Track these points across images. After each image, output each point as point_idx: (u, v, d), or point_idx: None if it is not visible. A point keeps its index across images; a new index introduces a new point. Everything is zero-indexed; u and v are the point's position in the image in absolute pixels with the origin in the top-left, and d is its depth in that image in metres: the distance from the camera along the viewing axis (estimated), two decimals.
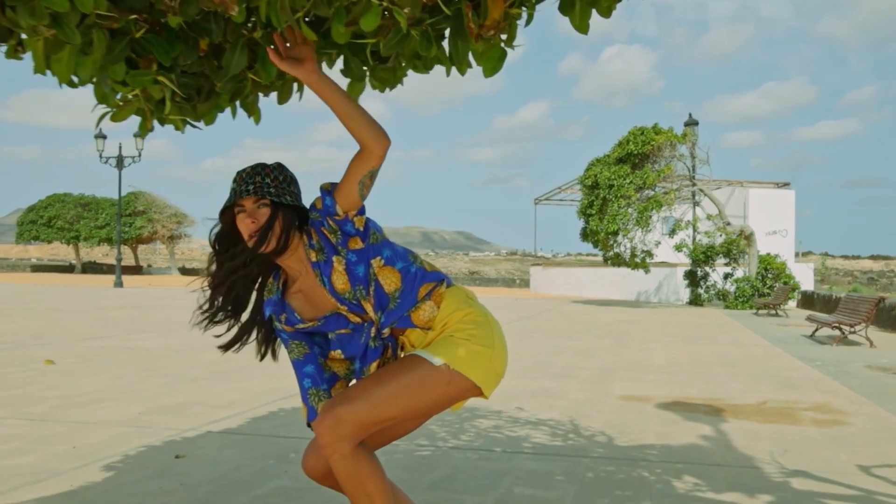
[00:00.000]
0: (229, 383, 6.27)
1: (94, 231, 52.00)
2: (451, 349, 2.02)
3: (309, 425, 2.08)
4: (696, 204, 23.80)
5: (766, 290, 21.26)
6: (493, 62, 2.11)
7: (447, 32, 2.08)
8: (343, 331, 2.10)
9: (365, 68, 2.14)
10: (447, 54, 2.13)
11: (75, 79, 2.03)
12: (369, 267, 2.04)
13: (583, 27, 2.08)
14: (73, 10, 1.65)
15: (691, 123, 23.59)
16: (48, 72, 1.96)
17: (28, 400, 5.50)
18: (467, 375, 2.00)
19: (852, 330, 11.43)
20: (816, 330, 12.53)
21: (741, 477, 3.79)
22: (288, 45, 1.95)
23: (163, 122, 2.38)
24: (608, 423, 5.07)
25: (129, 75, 2.01)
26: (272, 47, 1.94)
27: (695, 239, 23.17)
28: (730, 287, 22.12)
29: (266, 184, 2.03)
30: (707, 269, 22.83)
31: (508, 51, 2.10)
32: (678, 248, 22.18)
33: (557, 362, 8.43)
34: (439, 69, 2.27)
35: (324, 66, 2.19)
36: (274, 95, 2.40)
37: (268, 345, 2.23)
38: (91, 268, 54.28)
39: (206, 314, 2.13)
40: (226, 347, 2.20)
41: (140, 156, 30.96)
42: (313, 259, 2.04)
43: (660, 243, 22.35)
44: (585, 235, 22.69)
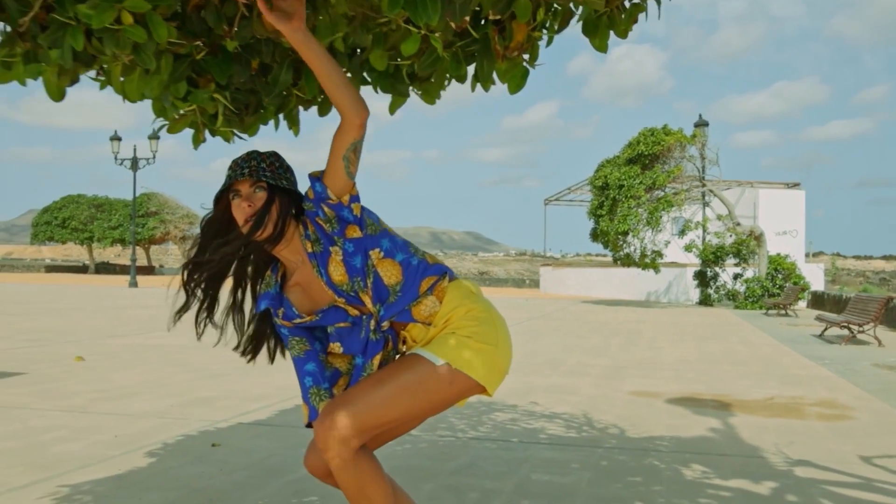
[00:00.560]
0: (254, 379, 6.50)
1: (108, 232, 52.51)
2: (453, 348, 1.96)
3: (309, 425, 2.03)
4: (705, 204, 23.94)
5: (775, 290, 21.37)
6: (516, 80, 2.33)
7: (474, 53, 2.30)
8: (342, 324, 2.04)
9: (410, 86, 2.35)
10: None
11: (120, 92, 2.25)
12: (367, 258, 1.99)
13: (602, 47, 2.30)
14: (150, 40, 1.87)
15: (701, 124, 23.72)
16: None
17: (65, 393, 5.75)
18: (470, 374, 1.95)
19: (861, 329, 11.58)
20: (825, 329, 12.67)
21: (747, 466, 3.99)
22: None
23: (213, 134, 2.61)
24: (620, 416, 5.28)
25: (190, 93, 2.23)
26: None
27: (704, 239, 23.31)
28: (740, 287, 22.24)
29: (262, 168, 2.00)
30: (717, 269, 22.96)
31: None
32: (688, 248, 22.32)
33: (569, 360, 8.63)
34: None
35: (370, 90, 2.40)
36: (314, 109, 2.63)
37: (265, 344, 2.17)
38: (104, 268, 54.79)
39: (188, 307, 2.04)
40: (248, 354, 2.17)
41: (154, 157, 31.33)
42: (309, 250, 1.98)
43: (669, 243, 22.49)
44: (595, 236, 22.86)
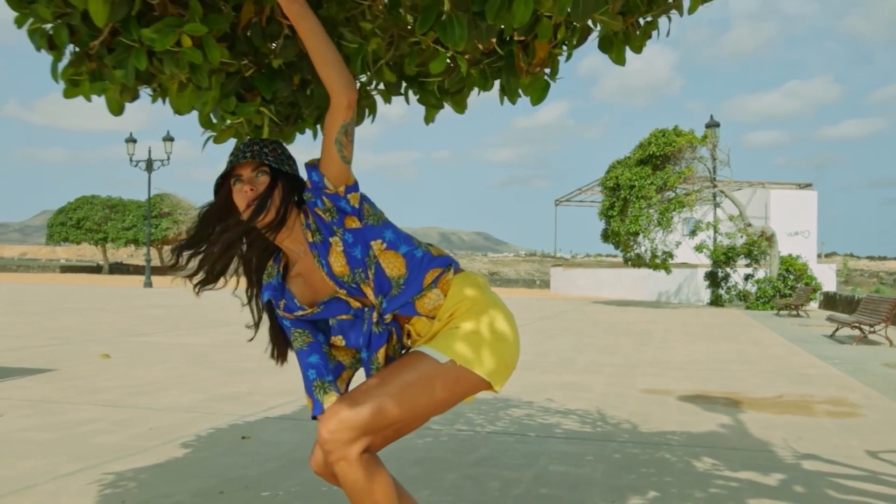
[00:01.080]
0: (277, 375, 6.69)
1: (122, 232, 53.02)
2: (457, 344, 1.91)
3: (315, 418, 2.01)
4: (717, 205, 24.03)
5: (787, 291, 21.45)
6: (538, 92, 2.51)
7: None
8: (344, 317, 2.00)
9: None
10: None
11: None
12: (368, 249, 1.94)
13: (620, 61, 2.47)
14: (205, 61, 2.06)
15: (712, 125, 23.82)
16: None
17: (97, 388, 5.96)
18: (475, 371, 1.91)
19: (872, 330, 11.68)
20: (837, 330, 12.76)
21: (756, 459, 4.15)
22: None
23: None
24: (632, 412, 5.44)
25: (238, 107, 2.42)
26: None
27: (716, 240, 23.40)
28: (751, 288, 22.33)
29: (264, 153, 1.99)
30: (728, 270, 23.05)
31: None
32: (699, 248, 22.42)
33: (581, 359, 8.79)
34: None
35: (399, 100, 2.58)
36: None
37: (278, 342, 2.15)
38: (118, 268, 55.31)
39: (197, 282, 2.04)
40: (278, 358, 2.16)
41: (169, 159, 31.66)
42: (310, 240, 1.94)
43: (680, 244, 22.60)
44: (606, 236, 22.99)
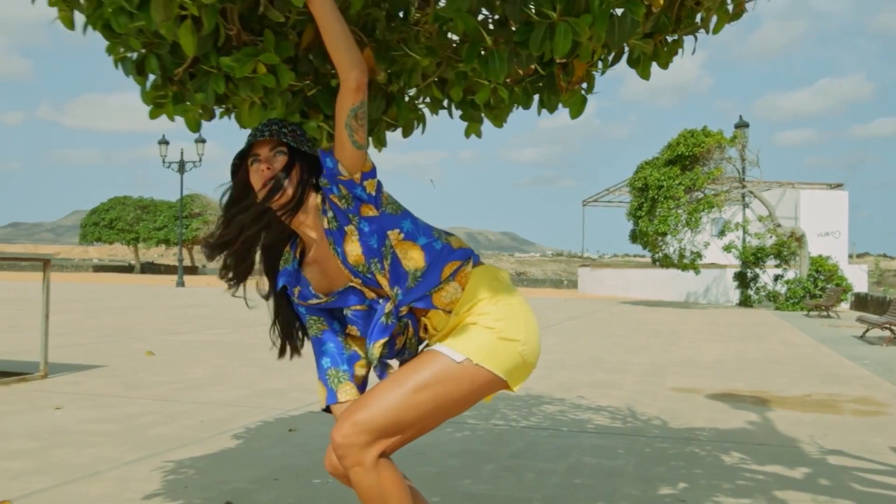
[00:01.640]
0: (315, 373, 6.93)
1: (153, 232, 53.87)
2: (474, 341, 1.85)
3: (327, 409, 2.02)
4: (745, 205, 23.97)
5: (817, 291, 21.36)
6: (577, 107, 2.70)
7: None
8: (358, 307, 1.96)
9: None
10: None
11: None
12: (385, 238, 1.89)
13: (646, 76, 2.66)
14: (277, 84, 2.28)
15: (741, 125, 23.76)
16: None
17: (146, 384, 6.24)
18: (492, 369, 1.84)
19: None
20: (867, 331, 12.75)
21: (782, 454, 4.30)
22: None
23: None
24: (662, 409, 5.60)
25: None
26: None
27: (745, 240, 23.34)
28: (780, 289, 22.26)
29: (283, 132, 1.97)
30: (757, 270, 22.99)
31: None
32: (727, 249, 22.41)
33: (611, 358, 8.94)
34: None
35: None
36: (399, 130, 3.02)
37: (289, 335, 2.16)
38: (149, 268, 56.21)
39: (224, 274, 2.08)
40: (281, 351, 2.20)
41: (200, 160, 32.19)
42: (326, 226, 1.90)
43: (709, 244, 22.59)
44: (634, 237, 23.06)
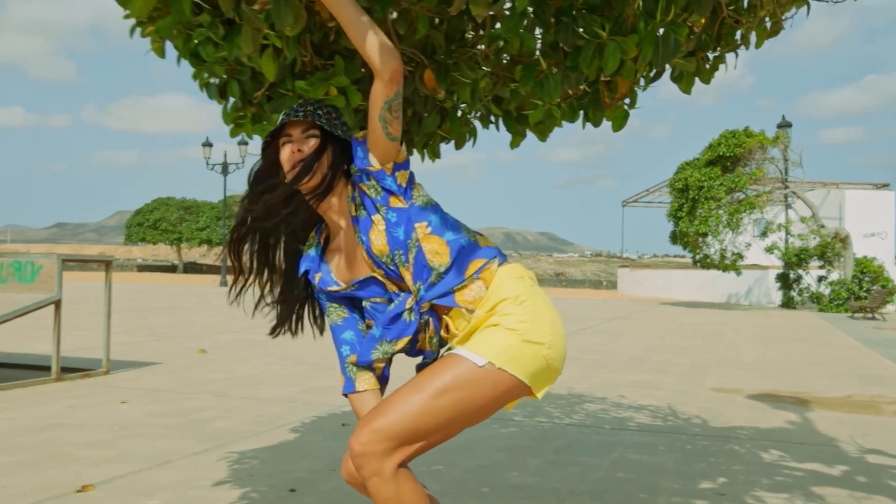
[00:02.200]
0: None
1: (195, 233, 54.91)
2: (496, 344, 1.78)
3: (345, 396, 2.00)
4: (788, 206, 23.74)
5: (862, 293, 21.09)
6: (619, 121, 2.86)
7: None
8: (378, 299, 1.92)
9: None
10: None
11: None
12: (412, 231, 1.84)
13: (688, 91, 2.82)
14: (347, 104, 2.49)
15: (784, 125, 23.54)
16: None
17: (202, 381, 6.54)
18: (515, 374, 1.77)
19: None
20: None
21: (821, 452, 4.40)
22: None
23: None
24: (702, 409, 5.72)
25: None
26: None
27: (787, 241, 23.12)
28: (824, 290, 22.02)
29: (318, 114, 1.92)
30: (800, 271, 22.77)
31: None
32: (769, 250, 22.22)
33: (651, 359, 9.04)
34: None
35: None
36: (452, 142, 3.21)
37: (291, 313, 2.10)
38: (191, 268, 57.30)
39: (238, 274, 2.02)
40: (276, 328, 2.12)
41: (244, 162, 32.79)
42: (353, 213, 1.87)
43: (751, 245, 22.43)
44: (675, 238, 22.99)
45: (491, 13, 2.49)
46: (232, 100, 2.56)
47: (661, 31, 2.41)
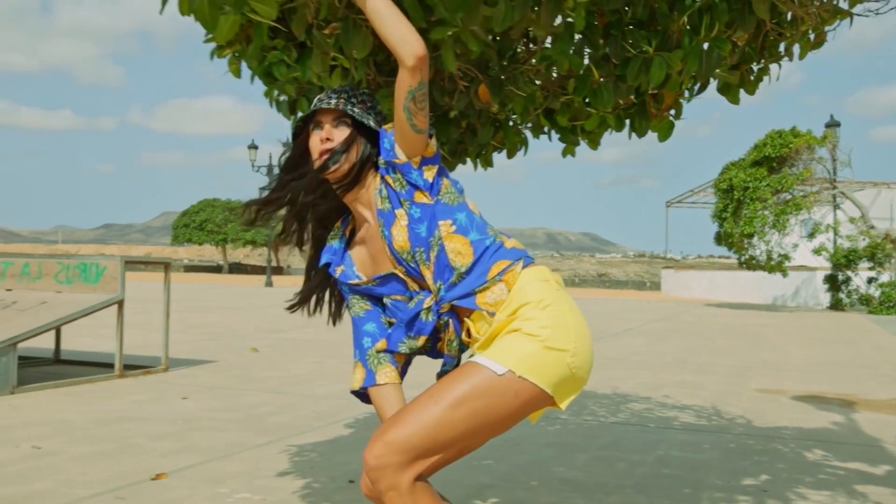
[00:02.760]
0: (413, 369, 7.36)
1: (240, 234, 55.83)
2: (517, 351, 1.70)
3: (357, 393, 1.96)
4: (836, 207, 23.37)
5: None
6: (665, 131, 3.00)
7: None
8: (398, 297, 1.88)
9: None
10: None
11: None
12: (435, 228, 1.79)
13: (735, 101, 2.94)
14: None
15: (832, 125, 23.18)
16: None
17: (257, 378, 6.79)
18: (536, 383, 1.68)
19: None
20: None
21: (865, 452, 4.46)
22: None
23: None
24: (746, 409, 5.79)
25: None
26: None
27: (836, 242, 22.77)
28: (874, 292, 21.63)
29: (351, 102, 1.87)
30: (849, 273, 22.40)
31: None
32: (817, 251, 21.92)
33: (695, 360, 9.08)
34: None
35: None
36: (504, 151, 3.37)
37: (324, 302, 2.06)
38: (236, 268, 58.28)
39: (281, 240, 1.98)
40: (295, 305, 2.05)
41: None
42: (378, 206, 1.83)
43: (798, 246, 22.14)
44: (719, 238, 22.78)
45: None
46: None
47: (706, 45, 2.54)
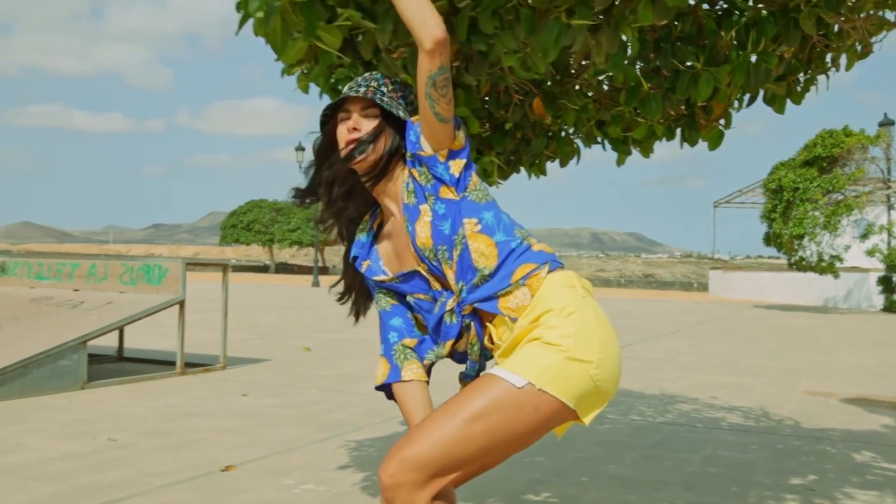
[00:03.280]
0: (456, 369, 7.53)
1: (287, 234, 56.65)
2: (537, 362, 1.62)
3: (382, 389, 1.93)
4: (890, 207, 22.90)
5: None
6: (715, 140, 3.10)
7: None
8: (421, 296, 1.83)
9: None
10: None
11: None
12: (460, 226, 1.73)
13: (781, 111, 3.04)
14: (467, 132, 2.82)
15: (886, 123, 22.73)
16: None
17: (311, 376, 7.02)
18: (557, 396, 1.60)
19: None
20: None
21: None
22: None
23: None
24: (794, 411, 5.82)
25: (476, 161, 3.18)
26: None
27: (890, 244, 22.32)
28: None
29: (381, 91, 1.80)
30: None
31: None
32: (870, 253, 21.51)
33: (744, 361, 9.07)
34: None
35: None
36: (557, 160, 3.51)
37: (355, 297, 2.02)
38: (283, 268, 59.13)
39: (322, 229, 1.96)
40: (343, 296, 2.03)
41: None
42: (405, 200, 1.77)
43: (850, 247, 21.74)
44: (768, 239, 22.50)
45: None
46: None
47: (753, 58, 2.65)
